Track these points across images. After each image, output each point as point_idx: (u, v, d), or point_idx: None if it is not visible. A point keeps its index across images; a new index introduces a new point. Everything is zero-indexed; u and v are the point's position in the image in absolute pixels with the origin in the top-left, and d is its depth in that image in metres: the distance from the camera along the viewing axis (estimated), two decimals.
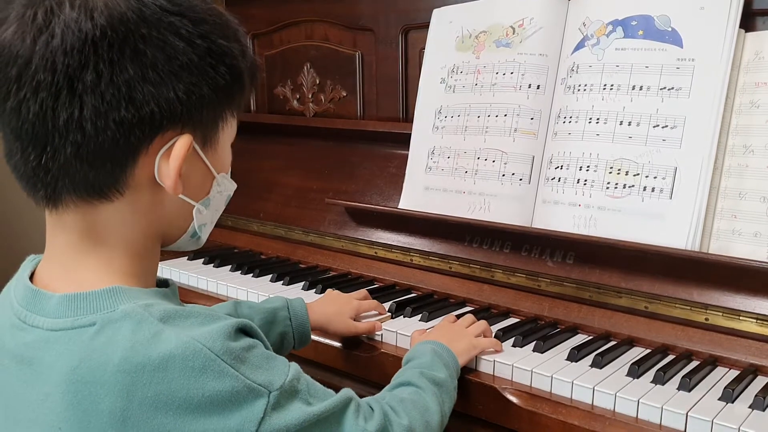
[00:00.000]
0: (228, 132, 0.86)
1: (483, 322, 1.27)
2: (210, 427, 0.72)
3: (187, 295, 1.70)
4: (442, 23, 1.68)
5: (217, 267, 1.80)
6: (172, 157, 0.77)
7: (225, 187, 0.89)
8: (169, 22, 0.75)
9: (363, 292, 1.46)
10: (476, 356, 1.22)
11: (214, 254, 1.88)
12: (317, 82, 2.03)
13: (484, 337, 1.25)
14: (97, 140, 0.73)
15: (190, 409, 0.71)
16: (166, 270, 1.81)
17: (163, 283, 0.88)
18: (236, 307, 1.24)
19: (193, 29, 0.76)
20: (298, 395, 0.78)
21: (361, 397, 0.91)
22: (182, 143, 0.77)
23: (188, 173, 0.80)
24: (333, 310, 1.35)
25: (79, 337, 0.74)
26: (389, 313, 1.44)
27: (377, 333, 1.37)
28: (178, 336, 0.72)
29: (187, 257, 1.87)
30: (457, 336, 1.20)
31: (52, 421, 0.73)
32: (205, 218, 0.88)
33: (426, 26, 1.71)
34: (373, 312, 1.43)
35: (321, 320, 1.33)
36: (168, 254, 1.88)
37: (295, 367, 0.81)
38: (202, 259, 1.85)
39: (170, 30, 0.75)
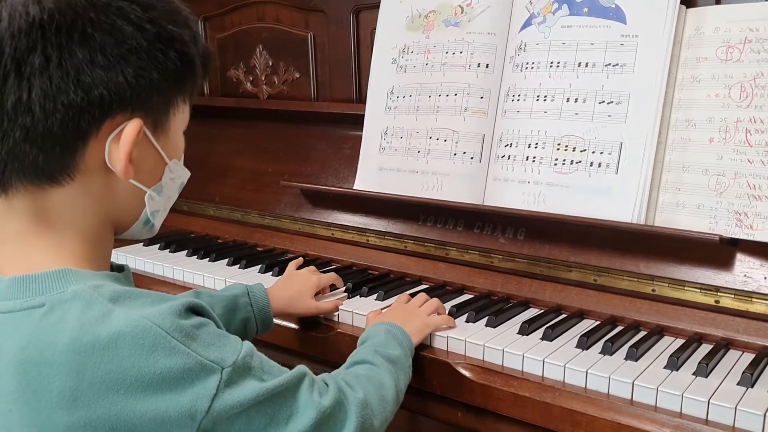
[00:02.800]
0: (180, 118, 0.87)
1: (435, 300, 1.29)
2: (162, 405, 0.72)
3: (143, 282, 1.69)
4: (392, 3, 1.67)
5: (174, 252, 1.80)
6: (121, 141, 0.78)
7: (177, 174, 0.89)
8: (118, 6, 0.76)
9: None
10: (430, 333, 1.24)
11: (170, 239, 1.87)
12: (270, 64, 2.02)
13: (438, 314, 1.27)
14: (45, 123, 0.74)
15: (142, 388, 0.72)
16: (121, 256, 1.80)
17: (119, 269, 0.88)
18: (197, 297, 1.24)
19: (141, 14, 0.77)
20: (251, 372, 0.79)
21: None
22: (132, 127, 0.78)
23: (139, 158, 0.81)
24: (293, 292, 1.35)
25: (28, 318, 0.74)
26: (345, 293, 1.45)
27: (334, 313, 1.38)
28: (128, 315, 0.73)
29: (142, 243, 1.86)
30: (410, 316, 1.22)
31: (2, 404, 0.73)
32: (157, 205, 0.88)
33: (376, 6, 1.71)
34: (335, 293, 1.45)
35: (283, 306, 1.33)
36: (123, 240, 1.84)
37: (247, 344, 0.82)
38: (158, 245, 1.84)
39: (119, 15, 0.76)
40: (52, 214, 0.79)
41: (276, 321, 1.39)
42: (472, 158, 1.51)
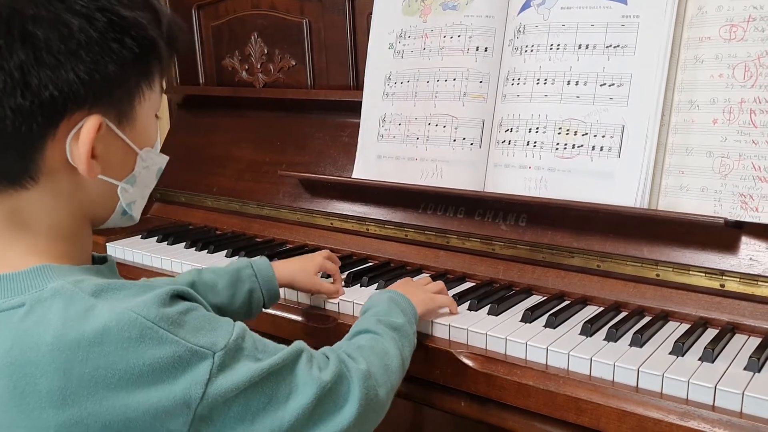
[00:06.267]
0: (147, 105, 0.82)
1: (440, 282, 1.28)
2: (155, 396, 0.71)
3: (141, 274, 1.66)
4: None
5: (171, 244, 1.78)
6: (80, 140, 0.74)
7: (152, 161, 0.85)
8: None
9: (327, 252, 1.45)
10: (431, 321, 1.22)
11: (168, 231, 1.85)
12: (265, 52, 1.99)
13: None
14: None
15: (132, 381, 0.70)
16: (119, 249, 1.78)
17: (101, 261, 0.86)
18: (199, 274, 1.22)
19: (89, 3, 0.72)
20: (245, 353, 0.78)
21: None
22: (90, 124, 0.74)
23: (106, 153, 0.78)
24: (298, 266, 1.35)
25: (8, 319, 0.72)
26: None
27: (333, 302, 1.37)
28: (111, 308, 0.71)
29: (140, 236, 1.85)
30: (415, 288, 1.21)
31: None
32: (132, 196, 0.85)
33: None
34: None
35: (287, 275, 1.32)
36: (121, 233, 1.85)
37: (240, 325, 0.80)
38: (156, 237, 1.82)
39: (63, 7, 0.71)
40: (23, 216, 0.77)
41: (277, 313, 1.39)
42: (471, 144, 1.49)
